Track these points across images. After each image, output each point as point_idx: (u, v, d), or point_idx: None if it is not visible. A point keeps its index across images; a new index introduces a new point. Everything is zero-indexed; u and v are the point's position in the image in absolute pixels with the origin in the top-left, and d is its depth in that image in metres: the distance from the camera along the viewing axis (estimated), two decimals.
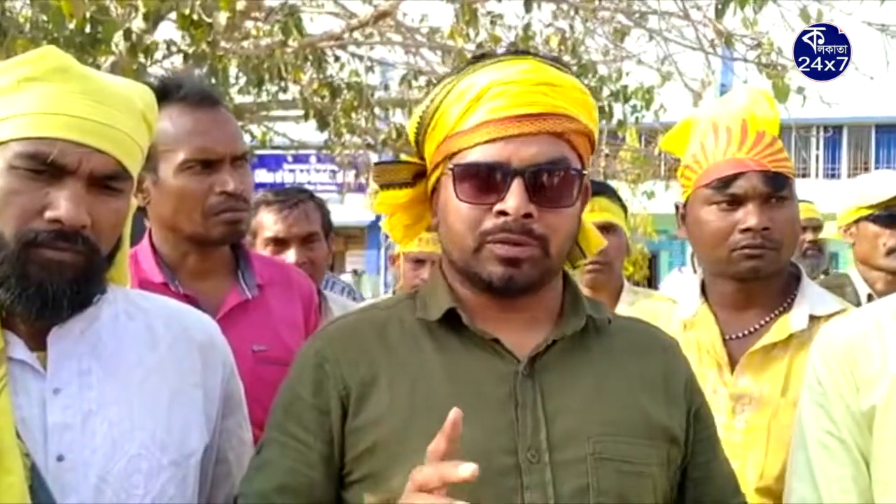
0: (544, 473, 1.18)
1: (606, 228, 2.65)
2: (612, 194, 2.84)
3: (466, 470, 1.00)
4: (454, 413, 1.04)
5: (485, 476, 1.15)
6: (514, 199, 1.19)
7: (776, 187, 1.70)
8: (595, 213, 2.65)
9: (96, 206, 1.20)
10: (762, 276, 1.73)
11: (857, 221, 2.95)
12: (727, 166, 1.72)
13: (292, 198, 2.71)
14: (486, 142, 1.22)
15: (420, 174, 1.34)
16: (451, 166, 1.24)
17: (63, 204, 1.16)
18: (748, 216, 1.69)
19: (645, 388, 1.28)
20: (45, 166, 1.17)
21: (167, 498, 1.24)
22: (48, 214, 1.16)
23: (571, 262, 1.38)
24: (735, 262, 1.72)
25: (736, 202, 1.71)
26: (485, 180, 1.22)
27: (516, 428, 1.20)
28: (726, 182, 1.71)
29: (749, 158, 1.71)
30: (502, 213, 1.20)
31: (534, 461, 1.19)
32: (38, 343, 1.22)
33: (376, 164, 1.39)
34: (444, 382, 1.23)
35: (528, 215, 1.20)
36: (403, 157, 1.39)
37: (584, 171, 1.27)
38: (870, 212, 2.91)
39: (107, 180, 1.21)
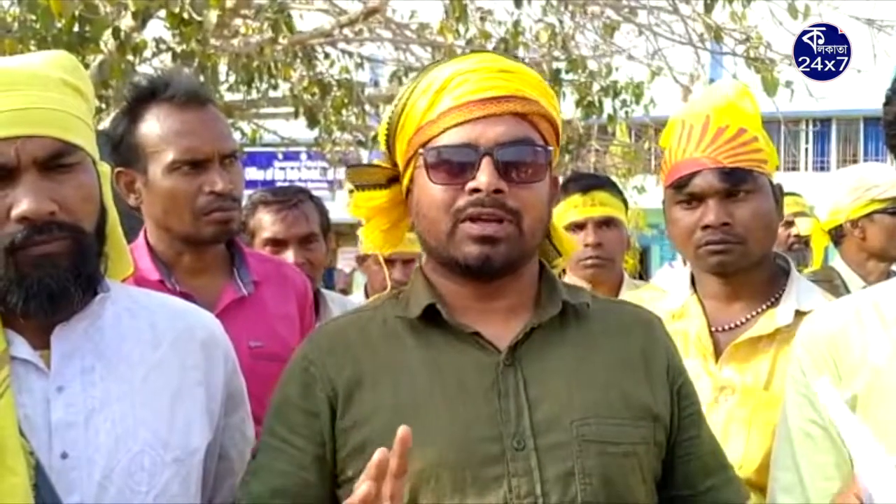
0: (529, 460, 1.20)
1: (607, 223, 2.63)
2: (613, 188, 2.78)
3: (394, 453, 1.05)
4: (402, 430, 1.06)
5: (470, 465, 1.19)
6: (484, 175, 1.24)
7: (734, 182, 1.72)
8: (596, 207, 2.62)
9: (57, 189, 1.19)
10: (732, 271, 1.74)
11: (868, 215, 3.00)
12: (684, 166, 1.75)
13: (291, 198, 2.70)
14: (454, 126, 1.27)
15: (393, 179, 1.38)
16: (422, 152, 1.28)
17: (23, 200, 1.16)
18: (707, 213, 1.73)
19: (625, 369, 1.30)
20: None
21: (170, 495, 1.24)
22: (14, 214, 1.16)
23: (547, 259, 1.40)
24: (702, 258, 1.75)
25: (696, 200, 1.74)
26: (456, 162, 1.26)
27: (500, 417, 1.22)
28: (685, 181, 1.75)
29: (705, 156, 1.73)
30: (475, 190, 1.24)
31: (519, 448, 1.21)
32: (41, 341, 1.22)
33: (349, 166, 1.44)
34: (427, 378, 1.25)
35: (499, 191, 1.24)
36: (376, 161, 1.41)
37: (550, 148, 1.31)
38: (884, 205, 2.99)
39: (55, 160, 1.20)
